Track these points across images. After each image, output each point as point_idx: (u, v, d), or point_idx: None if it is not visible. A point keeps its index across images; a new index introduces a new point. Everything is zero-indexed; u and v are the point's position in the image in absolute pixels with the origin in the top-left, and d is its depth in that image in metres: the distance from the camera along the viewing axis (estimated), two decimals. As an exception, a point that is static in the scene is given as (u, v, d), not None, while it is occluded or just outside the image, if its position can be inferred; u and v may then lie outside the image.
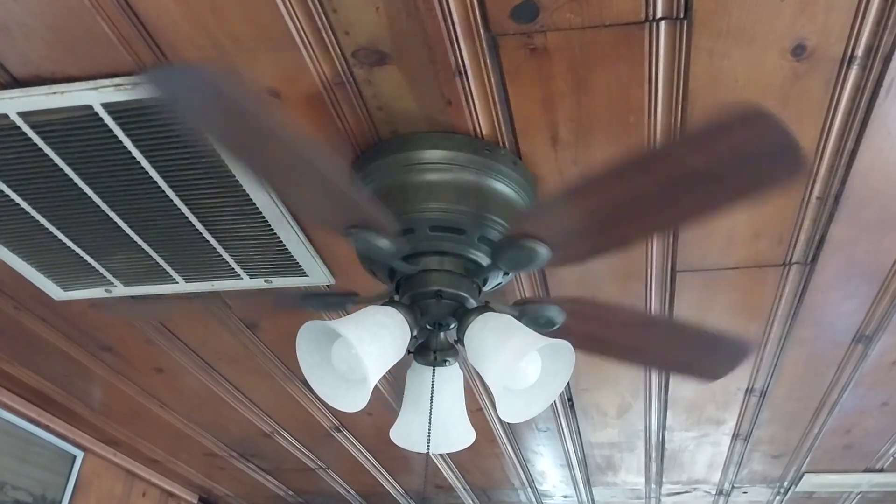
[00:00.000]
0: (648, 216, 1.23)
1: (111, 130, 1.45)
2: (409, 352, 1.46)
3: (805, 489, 3.52)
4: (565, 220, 1.24)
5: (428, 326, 1.49)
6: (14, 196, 1.66)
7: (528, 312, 1.46)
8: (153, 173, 1.57)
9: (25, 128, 1.46)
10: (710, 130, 1.06)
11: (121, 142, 1.48)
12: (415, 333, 1.42)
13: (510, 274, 1.53)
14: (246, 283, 1.97)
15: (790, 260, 1.82)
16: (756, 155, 1.05)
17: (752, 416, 2.76)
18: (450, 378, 1.53)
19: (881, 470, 3.30)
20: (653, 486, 3.64)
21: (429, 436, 1.48)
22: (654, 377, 2.49)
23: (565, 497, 3.88)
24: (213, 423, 3.08)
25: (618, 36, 1.25)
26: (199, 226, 1.74)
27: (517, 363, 1.32)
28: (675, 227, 1.63)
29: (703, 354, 1.61)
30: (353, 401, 1.37)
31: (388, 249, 1.32)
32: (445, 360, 1.51)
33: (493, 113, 1.42)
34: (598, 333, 1.55)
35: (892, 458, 3.17)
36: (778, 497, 3.73)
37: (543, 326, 1.49)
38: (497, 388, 1.29)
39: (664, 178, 1.13)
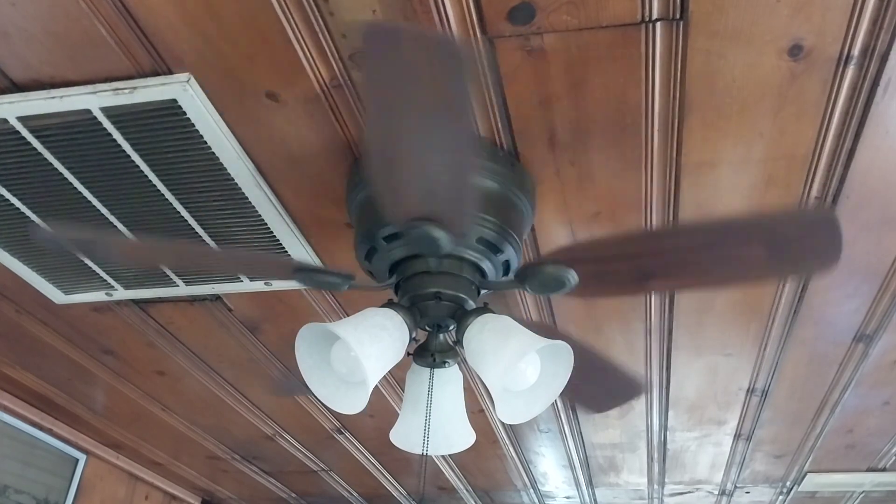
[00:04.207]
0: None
1: (110, 134, 1.46)
2: (408, 353, 1.46)
3: (808, 489, 3.51)
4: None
5: (427, 328, 1.49)
6: (14, 200, 1.67)
7: (532, 278, 1.38)
8: (152, 177, 1.57)
9: (25, 132, 1.47)
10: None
11: (120, 146, 1.49)
12: (414, 335, 1.42)
13: (509, 274, 1.53)
14: (246, 285, 1.97)
15: (790, 260, 1.82)
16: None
17: (753, 416, 2.75)
18: (449, 379, 1.53)
19: (884, 469, 3.29)
20: (655, 486, 3.64)
21: (426, 437, 1.48)
22: (655, 377, 2.49)
23: (568, 498, 3.88)
24: (216, 426, 3.08)
25: (614, 37, 1.25)
26: (198, 229, 1.74)
27: (516, 364, 1.32)
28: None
29: (777, 244, 1.27)
30: (352, 403, 1.37)
31: (338, 281, 1.39)
32: (445, 362, 1.51)
33: (491, 115, 1.42)
34: (617, 272, 1.37)
35: (894, 458, 3.16)
36: (781, 497, 3.72)
37: (554, 290, 1.38)
38: (496, 390, 1.29)
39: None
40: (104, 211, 1.69)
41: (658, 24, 1.23)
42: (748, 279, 1.36)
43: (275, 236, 1.77)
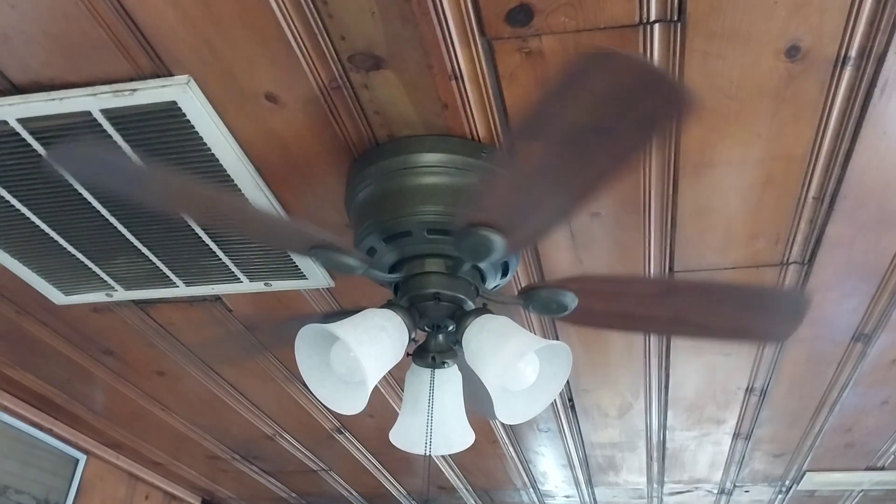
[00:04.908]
0: (568, 177, 1.18)
1: (110, 136, 1.46)
2: (407, 354, 1.46)
3: (807, 488, 3.52)
4: (509, 198, 1.22)
5: (426, 328, 1.49)
6: (14, 202, 1.67)
7: (536, 299, 1.41)
8: (152, 178, 1.58)
9: (25, 134, 1.47)
10: (568, 81, 1.00)
11: (120, 147, 1.49)
12: (413, 336, 1.42)
13: (508, 275, 1.54)
14: (246, 286, 1.98)
15: (787, 260, 1.82)
16: (630, 96, 1.01)
17: (752, 415, 2.76)
18: (448, 380, 1.53)
19: (882, 468, 3.30)
20: (654, 485, 3.64)
21: (429, 438, 1.48)
22: (655, 376, 2.50)
23: (567, 497, 3.88)
24: (215, 426, 3.09)
25: (612, 39, 1.26)
26: (198, 230, 1.75)
27: (515, 365, 1.33)
28: (597, 186, 1.52)
29: (753, 313, 1.48)
30: (352, 403, 1.38)
31: (355, 264, 1.35)
32: (444, 362, 1.51)
33: (490, 116, 1.42)
34: (616, 308, 1.47)
35: (893, 457, 3.17)
36: (780, 496, 3.73)
37: (555, 312, 1.43)
38: (495, 390, 1.30)
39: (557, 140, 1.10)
40: (104, 212, 1.69)
41: (656, 26, 1.23)
42: (726, 339, 1.59)
43: (274, 237, 1.77)
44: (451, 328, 1.47)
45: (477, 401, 1.87)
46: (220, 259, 1.86)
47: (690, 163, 1.53)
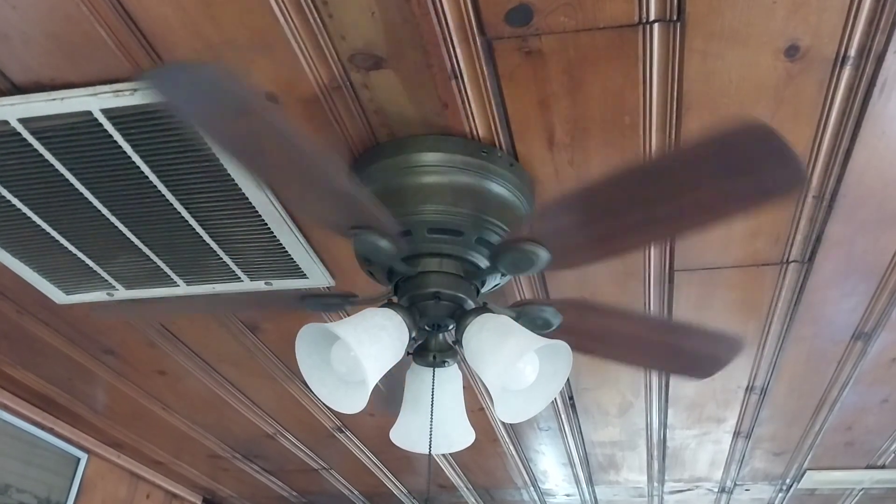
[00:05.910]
0: (647, 226, 1.22)
1: (111, 136, 1.47)
2: (407, 353, 1.47)
3: (807, 486, 3.52)
4: (565, 224, 1.24)
5: (426, 328, 1.50)
6: (15, 201, 1.68)
7: (526, 314, 1.48)
8: (153, 178, 1.58)
9: (26, 134, 1.47)
10: (707, 142, 1.05)
11: (120, 147, 1.50)
12: (413, 335, 1.43)
13: (508, 275, 1.54)
14: (246, 285, 1.98)
15: (787, 258, 1.83)
16: (753, 167, 1.03)
17: (752, 413, 2.76)
18: (449, 379, 1.54)
19: (883, 466, 3.30)
20: (655, 484, 3.65)
21: (431, 437, 1.49)
22: (655, 375, 2.50)
23: (568, 496, 3.89)
24: (216, 425, 3.09)
25: (612, 38, 1.26)
26: (198, 229, 1.75)
27: (515, 364, 1.33)
28: (672, 237, 1.60)
29: (700, 352, 1.60)
30: (352, 402, 1.38)
31: (389, 251, 1.34)
32: (444, 361, 1.52)
33: (490, 115, 1.43)
34: (596, 333, 1.56)
35: (893, 455, 3.17)
36: (780, 494, 3.73)
37: (540, 328, 1.50)
38: (495, 389, 1.30)
39: (663, 188, 1.13)
40: (105, 211, 1.70)
41: (655, 26, 1.23)
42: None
43: (275, 237, 1.77)
44: (451, 327, 1.47)
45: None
46: (221, 258, 1.86)
47: (690, 162, 1.53)
